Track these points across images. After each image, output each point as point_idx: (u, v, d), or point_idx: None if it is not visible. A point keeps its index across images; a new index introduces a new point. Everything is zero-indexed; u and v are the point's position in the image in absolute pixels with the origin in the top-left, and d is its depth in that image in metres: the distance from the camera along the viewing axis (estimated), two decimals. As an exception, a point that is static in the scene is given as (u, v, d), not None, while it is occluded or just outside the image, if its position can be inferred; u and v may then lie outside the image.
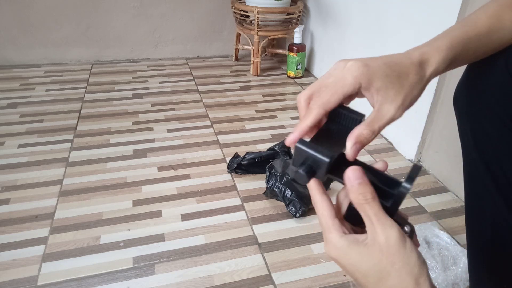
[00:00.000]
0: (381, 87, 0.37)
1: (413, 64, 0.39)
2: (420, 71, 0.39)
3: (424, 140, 1.19)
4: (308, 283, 0.81)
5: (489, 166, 0.51)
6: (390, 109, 0.37)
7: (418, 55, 0.40)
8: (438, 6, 1.05)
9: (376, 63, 0.37)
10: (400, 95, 0.38)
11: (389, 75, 0.37)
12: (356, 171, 0.34)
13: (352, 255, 0.34)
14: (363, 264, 0.34)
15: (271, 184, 1.02)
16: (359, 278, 0.35)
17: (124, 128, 1.36)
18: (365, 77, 0.36)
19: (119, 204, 1.00)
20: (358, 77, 0.36)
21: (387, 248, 0.33)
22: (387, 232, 0.33)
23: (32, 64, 1.87)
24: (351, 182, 0.34)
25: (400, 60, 0.39)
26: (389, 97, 0.37)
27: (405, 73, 0.38)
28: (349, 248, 0.34)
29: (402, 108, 0.38)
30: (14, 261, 0.84)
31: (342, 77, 0.37)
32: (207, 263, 0.85)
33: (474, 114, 0.51)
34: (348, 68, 0.37)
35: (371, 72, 0.37)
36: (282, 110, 1.53)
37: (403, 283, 0.32)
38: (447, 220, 0.99)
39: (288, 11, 1.73)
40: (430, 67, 0.40)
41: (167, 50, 2.02)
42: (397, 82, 0.38)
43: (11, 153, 1.20)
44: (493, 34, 0.44)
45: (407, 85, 0.38)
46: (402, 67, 0.39)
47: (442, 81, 1.09)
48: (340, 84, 0.37)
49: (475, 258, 0.61)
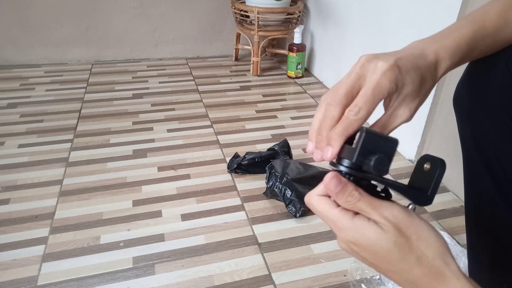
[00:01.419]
0: (404, 93, 0.36)
1: (430, 67, 0.39)
2: (434, 76, 0.39)
3: (424, 140, 1.19)
4: (308, 283, 0.81)
5: (489, 166, 0.51)
6: (405, 113, 0.37)
7: (432, 55, 0.39)
8: (438, 6, 1.05)
9: (407, 67, 0.35)
10: (416, 101, 0.37)
11: (415, 80, 0.36)
12: (332, 180, 0.33)
13: (371, 233, 0.33)
14: (383, 241, 0.32)
15: (271, 184, 1.02)
16: (381, 258, 0.33)
17: (124, 128, 1.36)
18: (398, 83, 0.35)
19: (119, 204, 1.00)
20: (394, 82, 0.34)
21: (398, 223, 0.33)
22: (390, 211, 0.33)
23: (32, 64, 1.87)
24: (332, 192, 0.33)
25: (420, 62, 0.38)
26: (405, 102, 0.37)
27: (425, 78, 0.38)
28: (366, 226, 0.33)
29: (414, 113, 0.38)
30: (14, 261, 0.84)
31: (378, 84, 0.34)
32: (207, 263, 0.85)
33: (474, 115, 0.51)
34: (383, 72, 0.34)
35: (403, 77, 0.35)
36: (282, 110, 1.53)
37: (424, 253, 0.32)
38: (447, 220, 0.99)
39: (288, 11, 1.73)
40: (441, 69, 0.40)
41: (167, 50, 2.02)
42: (418, 88, 0.37)
43: (11, 153, 1.20)
44: (499, 35, 0.44)
45: (424, 90, 0.38)
46: (423, 71, 0.37)
47: (442, 81, 1.09)
48: (378, 91, 0.34)
49: (475, 258, 0.61)
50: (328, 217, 0.35)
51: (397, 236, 0.32)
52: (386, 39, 1.30)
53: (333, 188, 0.33)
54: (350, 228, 0.34)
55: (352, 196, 0.33)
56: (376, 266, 0.35)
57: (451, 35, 0.41)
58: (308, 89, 1.73)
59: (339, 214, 0.34)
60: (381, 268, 0.34)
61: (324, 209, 0.35)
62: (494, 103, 0.48)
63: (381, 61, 0.34)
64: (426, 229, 0.33)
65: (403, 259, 0.32)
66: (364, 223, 0.33)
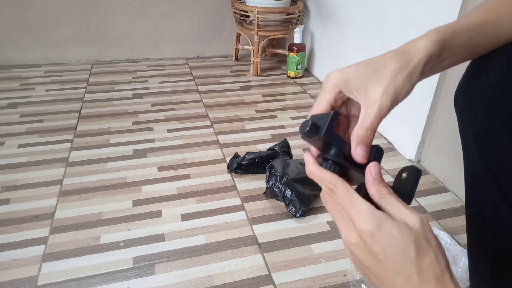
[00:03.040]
0: (359, 85, 0.38)
1: (392, 54, 0.39)
2: (402, 57, 0.39)
3: (424, 140, 1.19)
4: (308, 283, 0.81)
5: (490, 166, 0.51)
6: (375, 100, 0.37)
7: (399, 47, 0.40)
8: (438, 6, 1.05)
9: (351, 67, 0.39)
10: (381, 85, 0.37)
11: (364, 72, 0.38)
12: (376, 166, 0.36)
13: (392, 228, 0.32)
14: (403, 238, 0.32)
15: (271, 184, 1.02)
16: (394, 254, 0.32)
17: (124, 128, 1.36)
18: (342, 82, 0.39)
19: (119, 204, 1.00)
20: (335, 83, 0.39)
21: (423, 226, 0.33)
22: (418, 214, 0.33)
23: (32, 64, 1.87)
24: (373, 177, 0.35)
25: (378, 57, 0.39)
26: (369, 91, 0.37)
27: (382, 65, 0.38)
28: (387, 220, 0.33)
29: (387, 95, 0.37)
30: (14, 261, 0.84)
31: (323, 87, 0.40)
32: (207, 263, 0.85)
33: (475, 114, 0.51)
34: (327, 78, 0.40)
35: (346, 75, 0.38)
36: (282, 110, 1.53)
37: (438, 260, 0.32)
38: (447, 220, 0.99)
39: (288, 11, 1.73)
40: (418, 51, 0.39)
41: (167, 50, 2.02)
42: (374, 75, 0.38)
43: (11, 153, 1.20)
44: (488, 27, 0.44)
45: (386, 73, 0.37)
46: (378, 61, 0.39)
47: (442, 81, 1.09)
48: (323, 94, 0.40)
49: (476, 258, 0.61)
50: (352, 200, 0.34)
51: (420, 235, 0.32)
52: (386, 39, 1.30)
53: (374, 174, 0.35)
54: (371, 216, 0.33)
55: (386, 187, 0.35)
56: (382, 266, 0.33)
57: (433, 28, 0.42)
58: (308, 89, 1.73)
59: (362, 201, 0.34)
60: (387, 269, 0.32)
61: (350, 191, 0.35)
62: (495, 102, 0.48)
63: (333, 72, 0.40)
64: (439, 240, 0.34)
65: (417, 259, 0.32)
66: (388, 216, 0.33)
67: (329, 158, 0.37)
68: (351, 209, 0.34)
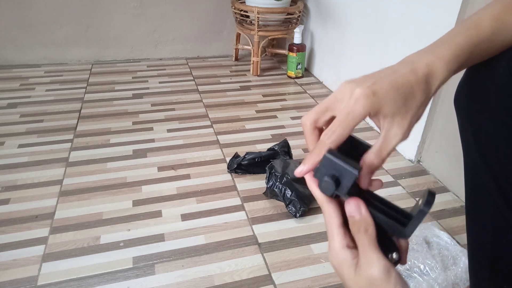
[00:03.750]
0: (387, 114, 0.37)
1: (419, 81, 0.38)
2: (426, 88, 0.39)
3: (424, 140, 1.19)
4: (308, 283, 0.81)
5: (490, 166, 0.51)
6: (398, 134, 0.37)
7: (424, 68, 0.39)
8: (438, 6, 1.05)
9: (383, 89, 0.36)
10: (407, 118, 0.37)
11: (396, 99, 0.37)
12: (353, 204, 0.36)
13: (347, 270, 0.36)
14: (353, 284, 0.36)
15: (271, 184, 1.02)
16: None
17: (124, 128, 1.36)
18: (374, 107, 0.36)
19: (119, 204, 1.00)
20: (368, 108, 0.36)
21: (372, 280, 0.35)
22: (372, 266, 0.35)
23: (32, 64, 1.87)
24: (349, 213, 0.36)
25: (406, 78, 0.38)
26: (395, 122, 0.37)
27: (412, 93, 0.38)
28: (345, 262, 0.36)
29: (409, 131, 0.38)
30: (14, 261, 0.84)
31: (352, 110, 0.36)
32: (207, 263, 0.85)
33: (475, 114, 0.51)
34: (357, 100, 0.36)
35: (379, 100, 0.36)
36: (282, 110, 1.53)
37: None
38: (447, 220, 0.99)
39: (288, 11, 1.73)
40: (436, 80, 0.39)
41: (167, 50, 2.02)
42: (404, 105, 0.37)
43: (11, 153, 1.20)
44: (496, 37, 0.43)
45: (413, 106, 0.38)
46: (408, 87, 0.38)
47: (442, 81, 1.09)
48: (351, 117, 0.36)
49: (476, 258, 0.61)
50: (327, 228, 0.38)
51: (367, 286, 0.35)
52: (386, 39, 1.30)
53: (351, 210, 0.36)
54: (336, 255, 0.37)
55: (359, 227, 0.36)
56: None
57: (447, 44, 0.41)
58: (308, 89, 1.73)
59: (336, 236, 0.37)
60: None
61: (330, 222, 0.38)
62: (495, 102, 0.48)
63: (358, 89, 0.36)
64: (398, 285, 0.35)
65: None
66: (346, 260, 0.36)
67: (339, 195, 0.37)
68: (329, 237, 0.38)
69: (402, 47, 1.23)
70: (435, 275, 0.79)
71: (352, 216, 0.36)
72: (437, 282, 0.78)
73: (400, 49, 1.24)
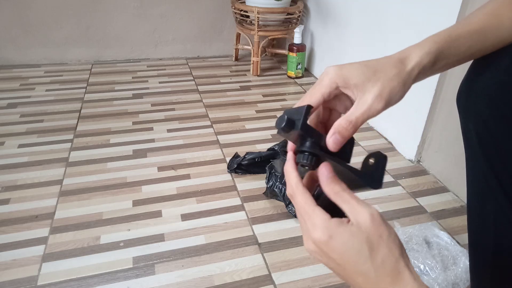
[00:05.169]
0: (357, 83, 0.39)
1: (390, 60, 0.41)
2: (399, 65, 0.41)
3: (424, 140, 1.19)
4: (308, 283, 0.81)
5: (492, 165, 0.51)
6: (367, 99, 0.38)
7: (398, 53, 0.42)
8: (438, 6, 1.05)
9: (352, 65, 0.40)
10: (377, 86, 0.39)
11: (365, 72, 0.39)
12: (327, 166, 0.37)
13: (344, 234, 0.34)
14: (355, 240, 0.34)
15: (271, 184, 1.02)
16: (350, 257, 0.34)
17: (124, 128, 1.36)
18: (340, 77, 0.39)
19: (119, 204, 1.00)
20: (333, 78, 0.39)
21: (373, 222, 0.34)
22: (369, 209, 0.35)
23: (32, 64, 1.87)
24: (325, 177, 0.37)
25: (379, 60, 0.41)
26: (366, 90, 0.39)
27: (382, 68, 0.40)
28: (339, 227, 0.35)
29: (380, 98, 0.38)
30: (14, 261, 0.84)
31: (320, 81, 0.40)
32: (207, 263, 0.85)
33: (477, 113, 0.50)
34: (325, 72, 0.40)
35: (346, 71, 0.39)
36: (282, 110, 1.53)
37: (391, 251, 0.34)
38: (447, 220, 0.99)
39: (288, 11, 1.73)
40: (411, 61, 0.41)
41: (167, 50, 2.02)
42: (373, 76, 0.39)
43: (11, 153, 1.20)
44: (489, 32, 0.44)
45: (384, 77, 0.39)
46: (378, 64, 0.40)
47: (442, 80, 1.09)
48: (318, 87, 0.40)
49: (477, 257, 0.61)
50: (305, 208, 0.37)
51: (371, 232, 0.34)
52: (386, 39, 1.30)
53: (327, 173, 0.37)
54: (325, 227, 0.35)
55: (339, 184, 0.36)
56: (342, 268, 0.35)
57: (429, 36, 0.44)
58: (308, 89, 1.72)
59: (317, 211, 0.36)
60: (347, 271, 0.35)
61: (307, 202, 0.37)
62: (498, 101, 0.48)
63: (330, 67, 0.41)
64: (392, 229, 0.35)
65: (371, 256, 0.34)
66: (340, 223, 0.35)
67: (305, 150, 0.38)
68: (307, 220, 0.36)
69: (402, 47, 1.22)
70: (435, 275, 0.79)
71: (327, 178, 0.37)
72: (437, 282, 0.78)
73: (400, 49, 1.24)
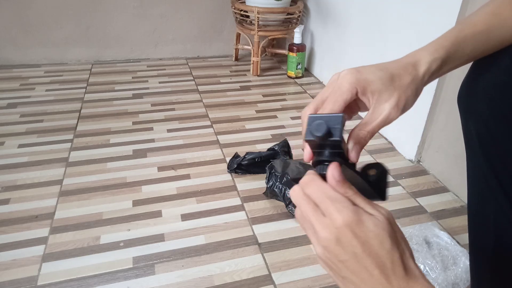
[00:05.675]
0: (375, 90, 0.39)
1: (404, 66, 0.41)
2: (413, 71, 0.41)
3: (424, 140, 1.19)
4: (308, 283, 0.81)
5: (493, 165, 0.51)
6: (385, 109, 0.39)
7: (408, 58, 0.42)
8: (438, 6, 1.05)
9: (368, 69, 0.40)
10: (394, 96, 0.39)
11: (382, 77, 0.39)
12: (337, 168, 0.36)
13: (368, 222, 0.34)
14: (380, 231, 0.33)
15: (271, 184, 1.02)
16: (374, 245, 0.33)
17: (124, 128, 1.36)
18: (360, 83, 0.39)
19: (119, 204, 1.00)
20: (354, 83, 0.39)
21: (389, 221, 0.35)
22: (384, 210, 0.35)
23: (32, 64, 1.87)
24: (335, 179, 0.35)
25: (391, 64, 0.41)
26: (383, 98, 0.39)
27: (398, 74, 0.40)
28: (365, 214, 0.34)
29: (397, 108, 0.39)
30: (14, 261, 0.84)
31: (339, 86, 0.39)
32: (207, 263, 0.85)
33: (478, 113, 0.50)
34: (343, 77, 0.39)
35: (365, 76, 0.39)
36: (282, 110, 1.53)
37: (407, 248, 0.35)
38: (447, 220, 0.99)
39: (288, 11, 1.73)
40: (421, 66, 0.41)
41: (167, 50, 2.02)
42: (390, 84, 0.39)
43: (11, 153, 1.20)
44: (492, 32, 0.44)
45: (400, 85, 0.40)
46: (394, 69, 0.40)
47: (442, 80, 1.09)
48: (339, 93, 0.39)
49: (477, 258, 0.61)
50: (331, 195, 0.35)
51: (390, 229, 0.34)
52: (386, 39, 1.30)
53: (337, 176, 0.35)
54: (352, 211, 0.33)
55: (351, 188, 0.36)
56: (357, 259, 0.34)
57: (436, 39, 0.44)
58: (308, 89, 1.73)
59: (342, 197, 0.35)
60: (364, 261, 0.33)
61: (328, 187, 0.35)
62: (499, 101, 0.47)
63: (345, 70, 0.40)
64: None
65: (391, 250, 0.34)
66: (363, 212, 0.34)
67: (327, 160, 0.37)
68: (330, 204, 0.34)
69: (402, 47, 1.23)
70: (435, 275, 0.79)
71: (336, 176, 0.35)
72: (437, 282, 0.78)
73: (400, 49, 1.24)
